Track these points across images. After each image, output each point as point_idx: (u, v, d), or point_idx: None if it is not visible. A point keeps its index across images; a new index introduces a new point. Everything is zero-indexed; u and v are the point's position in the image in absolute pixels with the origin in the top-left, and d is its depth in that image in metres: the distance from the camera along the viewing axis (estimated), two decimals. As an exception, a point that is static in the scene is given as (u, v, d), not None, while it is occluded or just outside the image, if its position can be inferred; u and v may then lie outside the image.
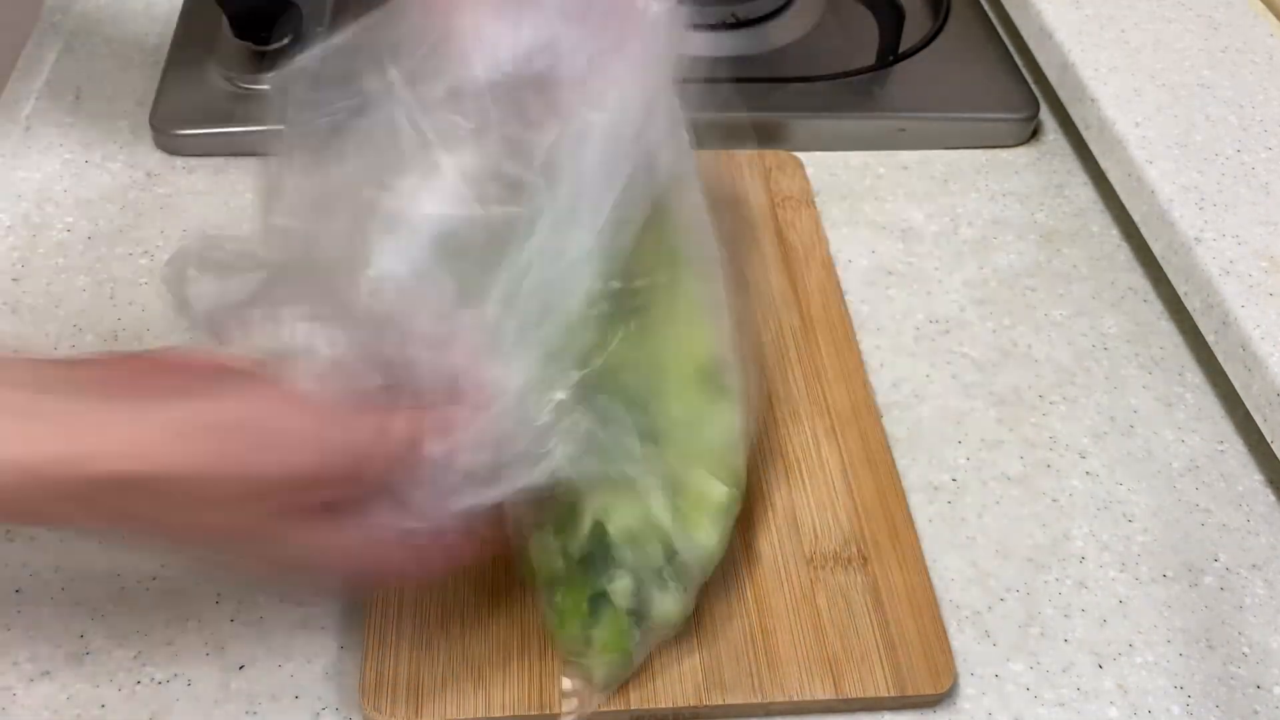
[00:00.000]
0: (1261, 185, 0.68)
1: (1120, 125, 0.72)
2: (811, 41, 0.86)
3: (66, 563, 0.55)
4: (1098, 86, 0.75)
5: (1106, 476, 0.62)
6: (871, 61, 0.84)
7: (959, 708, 0.52)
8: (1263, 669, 0.54)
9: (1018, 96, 0.82)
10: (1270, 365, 0.58)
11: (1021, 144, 0.82)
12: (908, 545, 0.56)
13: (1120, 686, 0.53)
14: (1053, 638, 0.55)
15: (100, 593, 0.54)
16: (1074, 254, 0.74)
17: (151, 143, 0.77)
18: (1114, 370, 0.67)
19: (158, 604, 0.54)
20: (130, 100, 0.81)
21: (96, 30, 0.86)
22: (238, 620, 0.53)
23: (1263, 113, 0.73)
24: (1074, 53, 0.78)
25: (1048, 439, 0.63)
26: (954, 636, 0.54)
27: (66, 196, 0.73)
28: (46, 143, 0.77)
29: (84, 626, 0.53)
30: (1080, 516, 0.60)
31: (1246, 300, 0.61)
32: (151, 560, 0.55)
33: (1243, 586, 0.57)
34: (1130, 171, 0.70)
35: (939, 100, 0.82)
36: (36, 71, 0.82)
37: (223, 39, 0.80)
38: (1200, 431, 0.64)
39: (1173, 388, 0.67)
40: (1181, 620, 0.56)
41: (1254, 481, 0.62)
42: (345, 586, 0.53)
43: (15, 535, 0.56)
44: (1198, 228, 0.66)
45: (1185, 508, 0.61)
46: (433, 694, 0.50)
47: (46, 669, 0.51)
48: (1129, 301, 0.72)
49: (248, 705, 0.50)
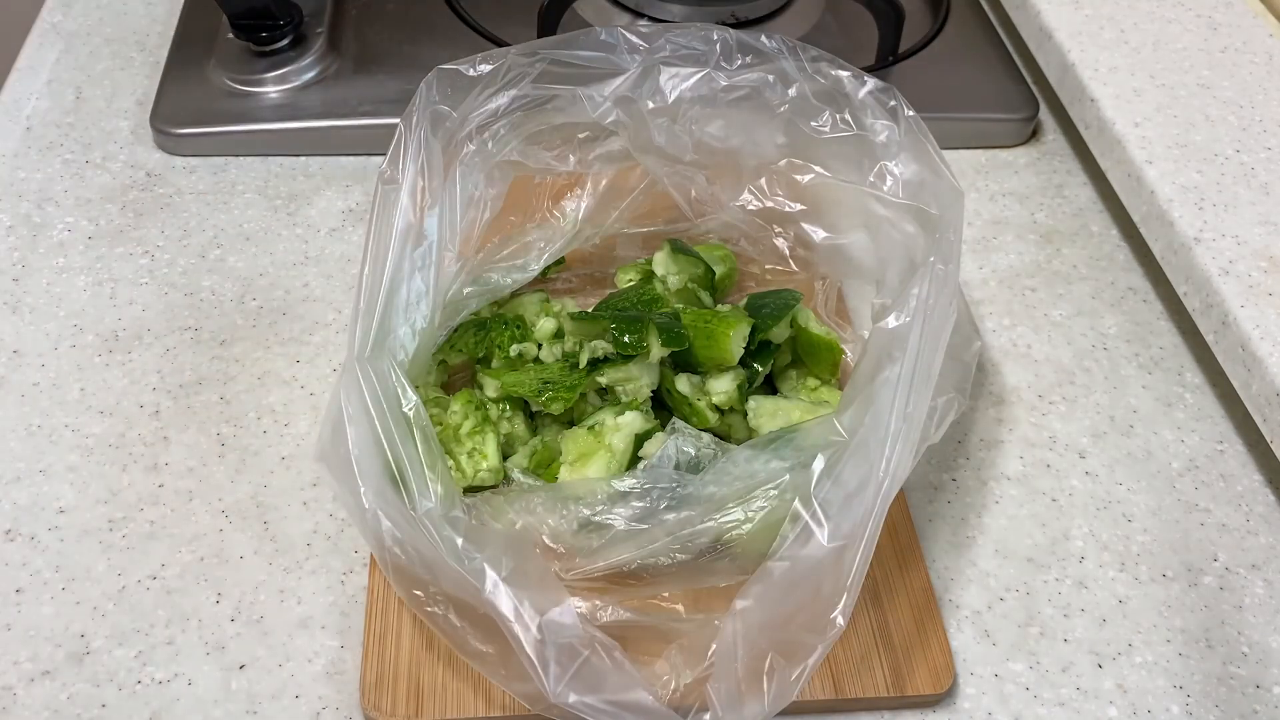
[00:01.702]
0: (1261, 185, 0.68)
1: (1120, 125, 0.72)
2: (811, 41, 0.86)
3: (66, 563, 0.55)
4: (1098, 86, 0.75)
5: (1106, 476, 0.62)
6: (871, 61, 0.84)
7: (959, 708, 0.52)
8: (1262, 669, 0.54)
9: (1017, 96, 0.82)
10: (1270, 365, 0.58)
11: (1021, 144, 0.82)
12: (908, 545, 0.56)
13: (1120, 686, 0.53)
14: (1052, 638, 0.55)
15: (100, 593, 0.54)
16: (1074, 254, 0.74)
17: (151, 143, 0.78)
18: (1114, 370, 0.67)
19: (158, 604, 0.54)
20: (130, 100, 0.81)
21: (96, 30, 0.86)
22: (238, 620, 0.53)
23: (1263, 113, 0.73)
24: (1074, 53, 0.78)
25: (1048, 439, 0.63)
26: (954, 636, 0.54)
27: (66, 196, 0.74)
28: (46, 143, 0.77)
29: (84, 626, 0.53)
30: (1080, 516, 0.60)
31: (1246, 300, 0.62)
32: (151, 560, 0.55)
33: (1242, 586, 0.57)
34: (1130, 171, 0.70)
35: (939, 100, 0.82)
36: (37, 72, 0.82)
37: (223, 39, 0.80)
38: (1200, 431, 0.64)
39: (1172, 388, 0.67)
40: (1181, 620, 0.56)
41: (1254, 481, 0.62)
42: None
43: (16, 535, 0.56)
44: (1197, 228, 0.66)
45: (1185, 508, 0.61)
46: (433, 694, 0.50)
47: (46, 669, 0.51)
48: (1129, 301, 0.72)
49: (247, 705, 0.50)
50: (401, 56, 0.82)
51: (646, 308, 0.60)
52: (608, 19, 0.86)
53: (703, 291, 0.63)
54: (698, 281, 0.63)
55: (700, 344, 0.57)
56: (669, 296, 0.62)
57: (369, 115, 0.77)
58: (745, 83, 0.58)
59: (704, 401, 0.57)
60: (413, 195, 0.53)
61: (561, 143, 0.59)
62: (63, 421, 0.61)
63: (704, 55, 0.58)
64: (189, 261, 0.70)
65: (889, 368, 0.48)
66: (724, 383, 0.57)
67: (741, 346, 0.57)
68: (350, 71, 0.80)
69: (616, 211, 0.62)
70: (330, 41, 0.82)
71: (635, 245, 0.66)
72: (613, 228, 0.63)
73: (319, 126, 0.77)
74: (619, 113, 0.58)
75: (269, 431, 0.61)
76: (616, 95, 0.57)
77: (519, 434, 0.58)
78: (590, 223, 0.61)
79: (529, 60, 0.57)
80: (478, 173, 0.57)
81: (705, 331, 0.57)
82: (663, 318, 0.57)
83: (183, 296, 0.68)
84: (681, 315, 0.58)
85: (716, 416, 0.58)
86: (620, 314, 0.58)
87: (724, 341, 0.56)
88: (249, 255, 0.71)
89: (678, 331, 0.56)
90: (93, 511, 0.57)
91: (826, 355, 0.60)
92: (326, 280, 0.69)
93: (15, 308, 0.66)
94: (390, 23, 0.85)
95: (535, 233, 0.62)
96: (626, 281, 0.65)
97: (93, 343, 0.65)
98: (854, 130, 0.57)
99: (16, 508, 0.57)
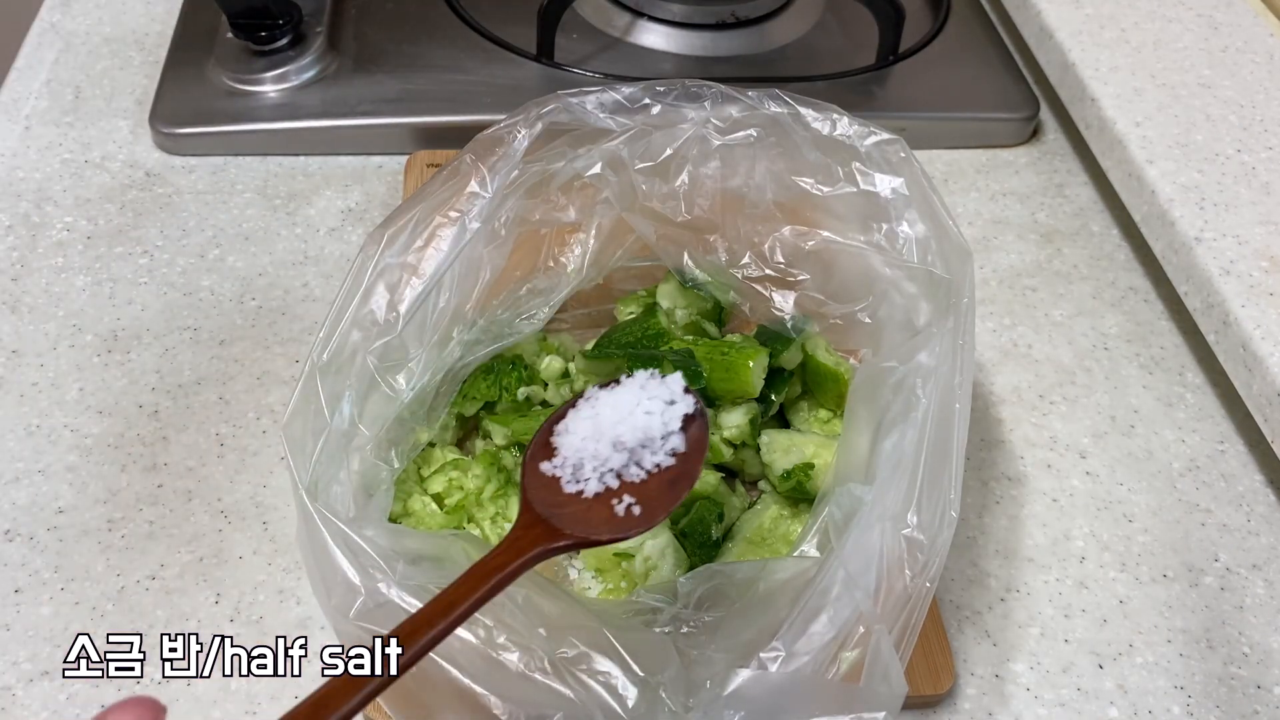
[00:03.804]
0: (1262, 185, 0.68)
1: (1120, 125, 0.72)
2: (811, 41, 0.87)
3: (65, 563, 0.55)
4: (1098, 86, 0.75)
5: (1107, 477, 0.62)
6: (871, 61, 0.84)
7: (959, 708, 0.52)
8: (1263, 669, 0.54)
9: (1018, 96, 0.82)
10: (1270, 365, 0.58)
11: (1021, 144, 0.82)
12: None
13: (1120, 687, 0.53)
14: (1053, 638, 0.55)
15: (99, 593, 0.54)
16: (1074, 254, 0.74)
17: (151, 142, 0.77)
18: (1114, 370, 0.67)
19: (157, 604, 0.54)
20: (129, 100, 0.81)
21: (95, 30, 0.86)
22: (237, 620, 0.53)
23: (1263, 112, 0.73)
24: (1074, 52, 0.78)
25: (1048, 439, 0.63)
26: (954, 637, 0.54)
27: (66, 196, 0.73)
28: (46, 143, 0.77)
29: (84, 626, 0.53)
30: (1081, 517, 0.60)
31: (1247, 300, 0.61)
32: (150, 560, 0.55)
33: (1243, 586, 0.57)
34: (1130, 171, 0.70)
35: (939, 100, 0.82)
36: (36, 71, 0.82)
37: (222, 38, 0.80)
38: (1200, 431, 0.64)
39: (1173, 388, 0.67)
40: (1182, 620, 0.56)
41: (1254, 481, 0.62)
42: None
43: (15, 535, 0.56)
44: (1198, 227, 0.65)
45: (1185, 508, 0.61)
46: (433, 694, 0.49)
47: (46, 669, 0.51)
48: (1129, 301, 0.72)
49: (247, 705, 0.50)
50: (401, 56, 0.82)
51: (652, 342, 0.59)
52: (607, 19, 0.86)
53: (709, 324, 0.62)
54: (705, 315, 0.62)
55: (718, 377, 0.56)
56: (673, 329, 0.61)
57: (368, 115, 0.77)
58: (741, 139, 0.57)
59: (716, 436, 0.57)
60: (411, 262, 0.52)
61: (560, 194, 0.58)
62: (62, 421, 0.61)
63: (697, 109, 0.57)
64: (188, 261, 0.70)
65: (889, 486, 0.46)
66: (735, 416, 0.57)
67: (762, 377, 0.56)
68: (350, 71, 0.80)
69: (621, 251, 0.60)
70: (330, 41, 0.81)
71: (633, 277, 0.65)
72: (615, 264, 0.61)
73: (318, 126, 0.77)
74: (608, 172, 0.57)
75: (268, 431, 0.61)
76: (606, 154, 0.56)
77: None
78: (595, 266, 0.59)
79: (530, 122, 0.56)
80: (481, 236, 0.55)
81: (723, 364, 0.56)
82: (676, 355, 0.56)
83: (182, 296, 0.68)
84: (695, 348, 0.57)
85: (730, 451, 0.57)
86: (635, 352, 0.57)
87: (744, 373, 0.55)
88: (248, 255, 0.70)
89: (694, 369, 0.55)
90: (92, 511, 0.57)
91: (833, 387, 0.59)
92: (326, 280, 0.69)
93: (14, 307, 0.66)
94: (390, 22, 0.85)
95: (541, 281, 0.60)
96: (627, 314, 0.64)
97: (92, 342, 0.65)
98: (859, 188, 0.56)
99: (15, 508, 0.57)
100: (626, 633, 0.43)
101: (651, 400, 0.45)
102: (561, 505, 0.43)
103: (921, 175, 0.54)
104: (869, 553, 0.43)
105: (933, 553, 0.44)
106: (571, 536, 0.42)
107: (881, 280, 0.56)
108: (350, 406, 0.50)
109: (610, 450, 0.44)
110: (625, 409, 0.45)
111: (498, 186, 0.54)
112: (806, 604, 0.42)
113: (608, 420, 0.45)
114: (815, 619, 0.42)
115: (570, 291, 0.60)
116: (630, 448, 0.44)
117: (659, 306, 0.62)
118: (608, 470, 0.44)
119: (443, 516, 0.55)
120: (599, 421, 0.45)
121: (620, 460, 0.44)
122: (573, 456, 0.44)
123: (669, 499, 0.44)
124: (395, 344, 0.52)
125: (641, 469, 0.44)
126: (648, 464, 0.44)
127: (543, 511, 0.42)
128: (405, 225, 0.53)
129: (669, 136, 0.57)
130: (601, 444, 0.44)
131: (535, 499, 0.43)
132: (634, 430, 0.44)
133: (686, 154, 0.57)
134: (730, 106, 0.57)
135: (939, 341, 0.50)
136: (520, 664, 0.41)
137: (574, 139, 0.56)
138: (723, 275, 0.60)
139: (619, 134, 0.56)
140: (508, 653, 0.41)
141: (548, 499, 0.43)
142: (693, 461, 0.45)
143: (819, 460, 0.55)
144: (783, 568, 0.46)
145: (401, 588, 0.42)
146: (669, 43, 0.85)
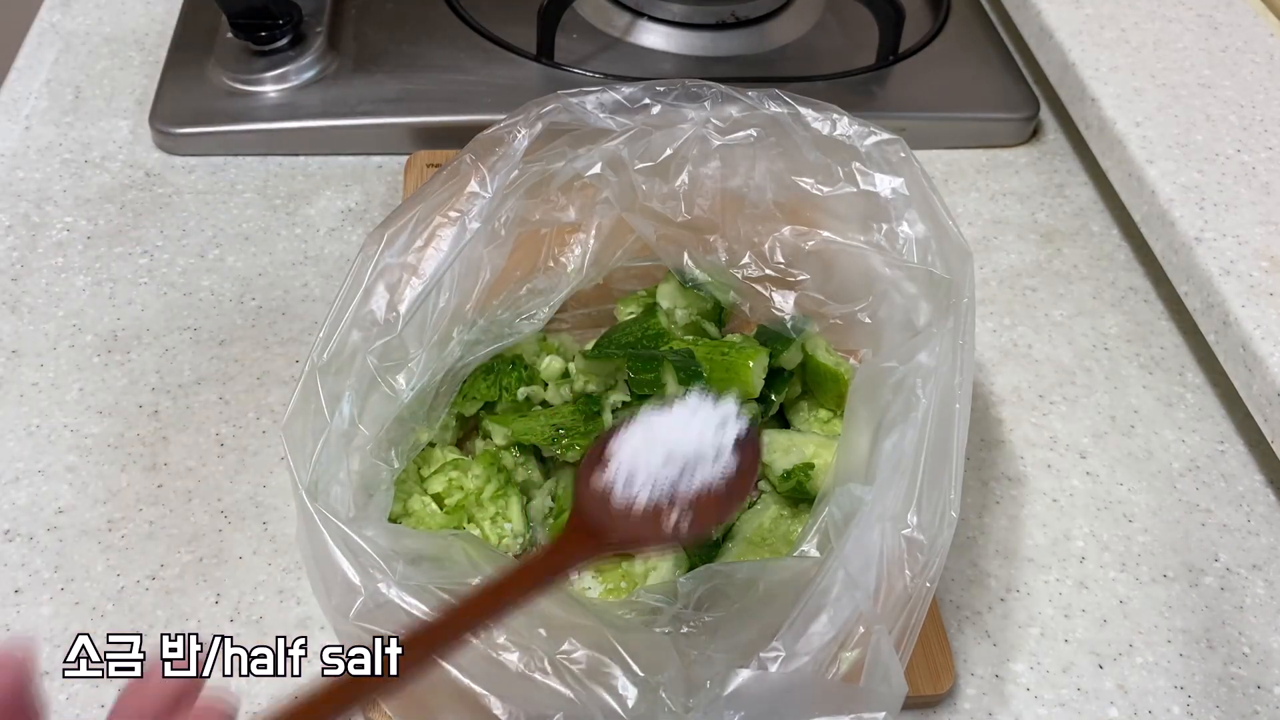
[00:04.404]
0: (1262, 185, 0.68)
1: (1120, 125, 0.72)
2: (811, 41, 0.86)
3: (65, 563, 0.55)
4: (1098, 86, 0.75)
5: (1107, 477, 0.62)
6: (871, 61, 0.84)
7: (959, 708, 0.52)
8: (1263, 669, 0.54)
9: (1018, 96, 0.82)
10: (1270, 365, 0.58)
11: (1021, 144, 0.82)
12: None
13: (1120, 687, 0.53)
14: (1053, 638, 0.55)
15: (99, 593, 0.54)
16: (1074, 254, 0.74)
17: (150, 142, 0.77)
18: (1114, 370, 0.67)
19: (157, 604, 0.54)
20: (129, 100, 0.81)
21: (95, 30, 0.86)
22: (237, 620, 0.53)
23: (1263, 112, 0.73)
24: (1074, 53, 0.78)
25: (1048, 439, 0.63)
26: (954, 637, 0.54)
27: (66, 196, 0.73)
28: (46, 143, 0.77)
29: (84, 626, 0.53)
30: (1081, 517, 0.60)
31: (1247, 300, 0.61)
32: (150, 560, 0.55)
33: (1243, 587, 0.57)
34: (1130, 171, 0.70)
35: (939, 100, 0.82)
36: (36, 71, 0.82)
37: (222, 38, 0.80)
38: (1200, 431, 0.64)
39: (1173, 388, 0.67)
40: (1182, 620, 0.56)
41: (1254, 481, 0.62)
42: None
43: (15, 535, 0.56)
44: (1198, 227, 0.65)
45: (1185, 508, 0.61)
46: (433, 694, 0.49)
47: (46, 669, 0.51)
48: (1129, 301, 0.72)
49: (248, 705, 0.50)
50: (401, 56, 0.82)
51: (652, 342, 0.59)
52: (607, 19, 0.86)
53: (709, 324, 0.62)
54: (705, 315, 0.62)
55: (718, 377, 0.56)
56: (674, 329, 0.61)
57: (368, 115, 0.77)
58: (741, 139, 0.57)
59: None
60: (412, 264, 0.52)
61: (560, 194, 0.58)
62: (61, 421, 0.61)
63: (697, 109, 0.57)
64: (188, 261, 0.70)
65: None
66: None
67: (762, 377, 0.56)
68: (349, 71, 0.80)
69: (621, 251, 0.60)
70: (329, 41, 0.81)
71: (633, 277, 0.65)
72: (615, 264, 0.62)
73: (318, 126, 0.77)
74: (608, 172, 0.57)
75: (268, 431, 0.61)
76: (606, 154, 0.56)
77: (533, 480, 0.57)
78: (595, 266, 0.60)
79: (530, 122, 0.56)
80: (481, 236, 0.55)
81: (723, 364, 0.56)
82: (676, 355, 0.56)
83: (182, 296, 0.68)
84: (695, 349, 0.57)
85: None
86: (635, 352, 0.57)
87: (744, 373, 0.55)
88: (248, 255, 0.70)
89: (694, 369, 0.55)
90: (92, 511, 0.57)
91: (833, 387, 0.59)
92: (325, 280, 0.69)
93: (14, 307, 0.66)
94: (389, 22, 0.85)
95: (541, 281, 0.60)
96: (627, 314, 0.63)
97: (92, 343, 0.65)
98: (859, 188, 0.56)
99: (15, 508, 0.57)
100: (627, 633, 0.43)
101: (704, 422, 0.46)
102: (612, 515, 0.44)
103: (921, 175, 0.54)
104: (869, 553, 0.43)
105: (933, 553, 0.44)
106: (620, 544, 0.44)
107: (881, 280, 0.56)
108: (350, 406, 0.50)
109: (662, 465, 0.45)
110: (679, 427, 0.46)
111: (498, 186, 0.54)
112: (806, 604, 0.42)
113: (661, 437, 0.46)
114: (815, 619, 0.42)
115: (570, 291, 0.60)
116: (682, 465, 0.45)
117: (659, 306, 0.62)
118: (660, 484, 0.45)
119: (443, 516, 0.55)
120: (652, 437, 0.46)
121: (671, 475, 0.45)
122: (626, 467, 0.45)
123: (718, 514, 0.45)
124: (395, 344, 0.52)
125: (691, 485, 0.45)
126: (698, 480, 0.45)
127: (594, 520, 0.44)
128: (405, 225, 0.53)
129: (669, 136, 0.57)
130: (654, 458, 0.45)
131: (586, 507, 0.45)
132: (686, 447, 0.45)
133: (686, 154, 0.57)
134: (730, 106, 0.57)
135: (939, 341, 0.50)
136: (520, 664, 0.41)
137: (574, 139, 0.56)
138: (723, 275, 0.61)
139: (619, 134, 0.56)
140: (508, 653, 0.41)
141: (598, 508, 0.45)
142: (744, 481, 0.46)
143: (819, 460, 0.55)
144: (783, 568, 0.46)
145: (401, 588, 0.42)
146: (669, 43, 0.85)
